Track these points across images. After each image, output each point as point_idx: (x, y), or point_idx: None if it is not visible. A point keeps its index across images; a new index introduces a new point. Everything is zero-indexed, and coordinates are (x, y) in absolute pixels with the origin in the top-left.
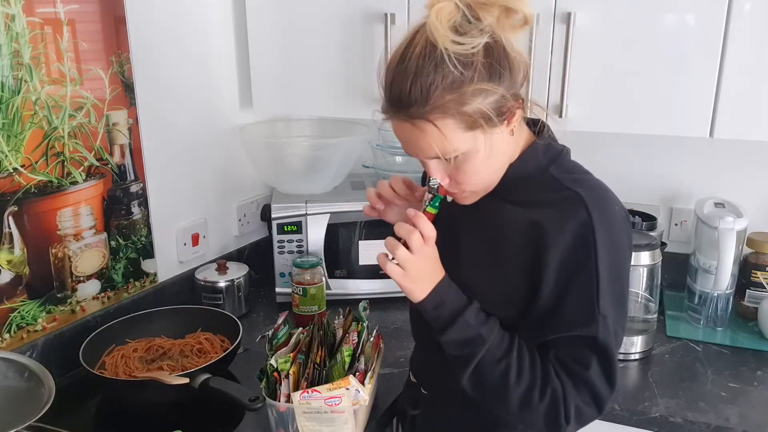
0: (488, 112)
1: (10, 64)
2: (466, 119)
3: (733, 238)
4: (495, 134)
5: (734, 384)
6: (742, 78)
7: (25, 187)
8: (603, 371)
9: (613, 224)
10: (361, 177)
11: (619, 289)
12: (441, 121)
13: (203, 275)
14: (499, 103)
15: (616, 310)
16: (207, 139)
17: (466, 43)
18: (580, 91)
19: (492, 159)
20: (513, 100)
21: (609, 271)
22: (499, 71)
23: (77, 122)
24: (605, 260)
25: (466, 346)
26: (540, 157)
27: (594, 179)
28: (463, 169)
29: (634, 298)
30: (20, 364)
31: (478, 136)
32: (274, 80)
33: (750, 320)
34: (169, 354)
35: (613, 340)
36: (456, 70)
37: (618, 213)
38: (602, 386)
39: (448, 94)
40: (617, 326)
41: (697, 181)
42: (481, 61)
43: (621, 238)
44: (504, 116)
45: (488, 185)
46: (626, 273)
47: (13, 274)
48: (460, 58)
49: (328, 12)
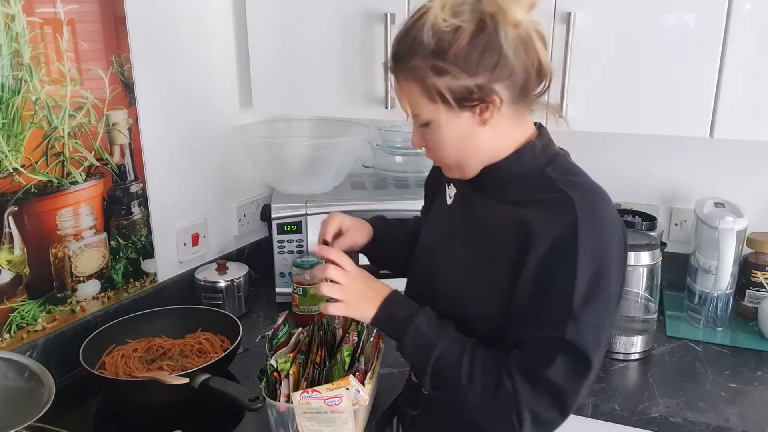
0: (446, 94)
1: (10, 64)
2: (427, 91)
3: (733, 238)
4: (461, 118)
5: (734, 384)
6: (742, 78)
7: (25, 187)
8: (569, 373)
9: (602, 228)
10: (361, 177)
11: (601, 294)
12: (407, 82)
13: (203, 275)
14: (465, 91)
15: (595, 314)
16: (207, 139)
17: (449, 21)
18: (580, 91)
19: (460, 141)
20: (488, 96)
21: (591, 275)
22: (477, 63)
23: (77, 122)
24: (586, 264)
25: (421, 352)
26: (537, 156)
27: (590, 182)
28: (429, 137)
29: (634, 298)
30: (20, 364)
31: (440, 111)
32: (274, 80)
33: (750, 320)
34: (169, 354)
35: (587, 345)
36: (431, 42)
37: (609, 217)
38: (568, 389)
39: (420, 61)
40: (597, 331)
41: (697, 181)
42: (462, 45)
43: (609, 242)
44: (470, 105)
45: (460, 166)
46: (614, 279)
47: (13, 274)
48: (439, 34)
49: (329, 12)
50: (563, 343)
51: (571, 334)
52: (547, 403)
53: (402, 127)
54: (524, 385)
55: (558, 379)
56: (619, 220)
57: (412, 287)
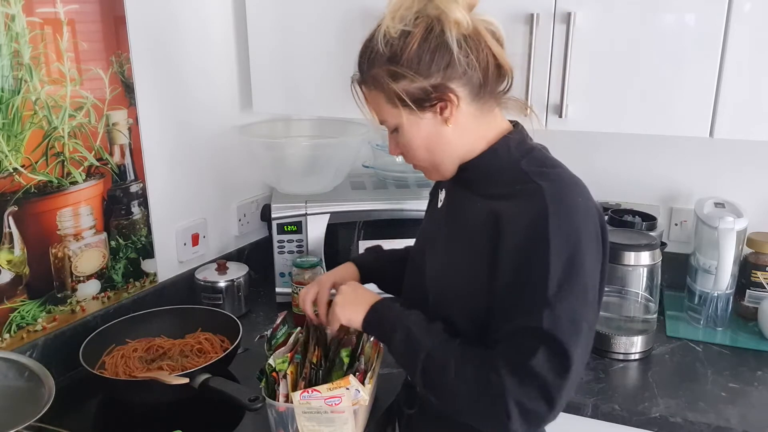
0: (405, 97)
1: (10, 64)
2: (389, 96)
3: (733, 238)
4: (424, 120)
5: (734, 384)
6: (742, 78)
7: (25, 187)
8: (552, 364)
9: (572, 215)
10: (361, 177)
11: (576, 281)
12: (372, 91)
13: (203, 275)
14: (421, 92)
15: (571, 302)
16: (207, 139)
17: (397, 27)
18: (580, 91)
19: (428, 142)
20: (444, 94)
21: (564, 263)
22: (429, 64)
23: (77, 122)
24: (558, 252)
25: (410, 353)
26: (512, 150)
27: (562, 173)
28: (400, 142)
29: (634, 298)
30: (20, 364)
31: (403, 114)
32: (274, 80)
33: (750, 320)
34: (169, 354)
35: (563, 334)
36: (385, 50)
37: (580, 205)
38: (552, 379)
39: (379, 68)
40: (574, 319)
41: (697, 180)
42: (413, 49)
43: (580, 229)
44: (429, 105)
45: (435, 167)
46: (590, 267)
47: (14, 274)
48: (391, 41)
49: (328, 12)
50: (541, 333)
51: (548, 323)
52: (533, 394)
53: None
54: (509, 377)
55: (541, 370)
56: (594, 209)
57: (406, 290)
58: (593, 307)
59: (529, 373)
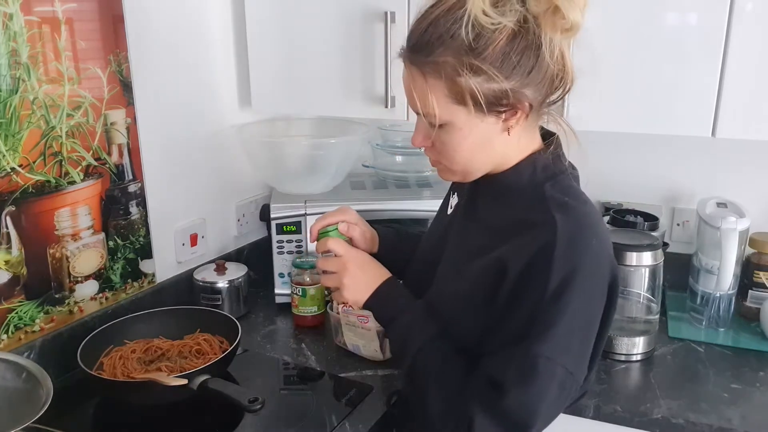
0: (479, 96)
1: (8, 63)
2: (456, 90)
3: (735, 239)
4: (484, 123)
5: (736, 385)
6: (745, 77)
7: (23, 187)
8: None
9: (581, 257)
10: (361, 177)
11: (573, 326)
12: (433, 78)
13: (202, 276)
14: (497, 94)
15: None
16: (206, 138)
17: (492, 17)
18: (581, 91)
19: (476, 147)
20: (518, 101)
21: (562, 303)
22: (514, 65)
23: (75, 122)
24: (557, 288)
25: (404, 344)
26: (538, 171)
27: (584, 210)
28: (442, 140)
29: (636, 298)
30: (18, 365)
31: (463, 114)
32: (273, 79)
33: (752, 321)
34: (168, 355)
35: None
36: (468, 38)
37: (593, 248)
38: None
39: (451, 56)
40: (565, 359)
41: (700, 180)
42: (501, 44)
43: (587, 273)
44: (498, 110)
45: (465, 171)
46: (589, 314)
47: (11, 274)
48: (479, 30)
49: (328, 10)
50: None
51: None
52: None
53: (402, 127)
54: (481, 414)
55: (513, 404)
56: (607, 256)
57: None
58: (583, 357)
59: (501, 408)
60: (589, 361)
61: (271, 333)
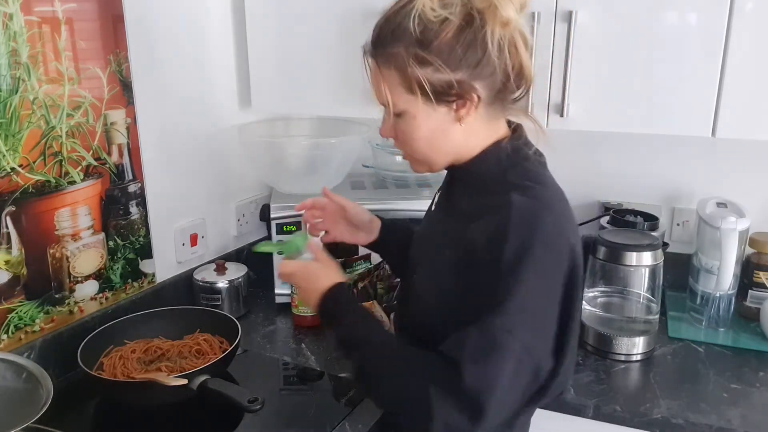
0: (426, 86)
1: (8, 63)
2: (407, 80)
3: (735, 239)
4: (436, 112)
5: (736, 385)
6: (745, 77)
7: (23, 187)
8: (481, 369)
9: (534, 232)
10: (361, 177)
11: (529, 301)
12: (386, 69)
13: (202, 276)
14: (445, 85)
15: (525, 321)
16: (206, 138)
17: (437, 12)
18: (581, 90)
19: (432, 135)
20: (467, 92)
21: (516, 277)
22: (461, 57)
23: (75, 122)
24: (511, 262)
25: (349, 347)
26: (503, 158)
27: (542, 191)
28: (402, 129)
29: (636, 298)
30: (18, 365)
31: (415, 103)
32: (273, 79)
33: (752, 321)
34: (168, 355)
35: (507, 346)
36: (415, 31)
37: (547, 224)
38: (481, 390)
39: (402, 48)
40: (521, 334)
41: (699, 180)
42: (447, 37)
43: (542, 249)
44: (447, 100)
45: (427, 160)
46: (546, 291)
47: (11, 274)
48: (426, 23)
49: (328, 10)
50: (480, 340)
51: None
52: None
53: None
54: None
55: (470, 380)
56: (565, 242)
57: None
58: (541, 328)
59: (457, 387)
60: (560, 353)
61: (271, 333)
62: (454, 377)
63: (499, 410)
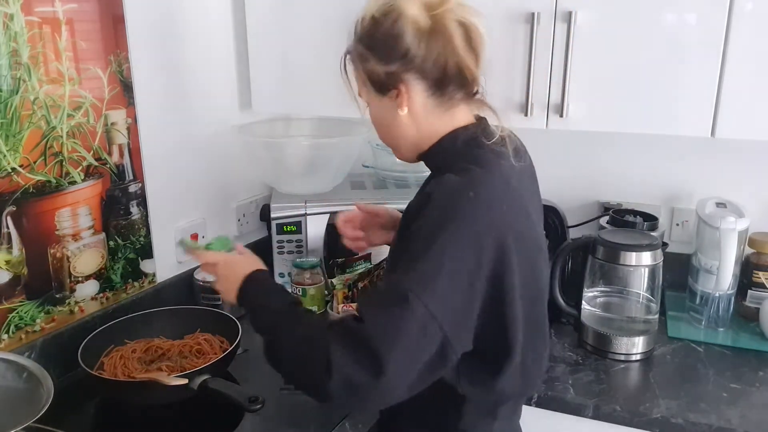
0: (368, 79)
1: (9, 63)
2: (360, 75)
3: (734, 238)
4: (383, 102)
5: (736, 385)
6: (744, 77)
7: (24, 187)
8: (381, 319)
9: (456, 204)
10: (361, 177)
11: (441, 268)
12: (349, 64)
13: (202, 275)
14: (381, 77)
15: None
16: (206, 138)
17: (371, 12)
18: (581, 90)
19: (386, 124)
20: (401, 83)
21: (432, 243)
22: (389, 52)
23: (76, 122)
24: (429, 230)
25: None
26: (458, 145)
27: (478, 172)
28: (371, 118)
29: (636, 298)
30: (19, 365)
31: (370, 94)
32: (273, 79)
33: (751, 321)
34: (168, 355)
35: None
36: (360, 30)
37: (470, 199)
38: (381, 342)
39: (353, 46)
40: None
41: (699, 180)
42: (379, 33)
43: (462, 222)
44: (387, 91)
45: (393, 146)
46: (463, 263)
47: (12, 274)
48: (365, 21)
49: (328, 10)
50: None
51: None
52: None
53: None
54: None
55: (371, 331)
56: (488, 214)
57: None
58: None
59: (359, 336)
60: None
61: None
62: (354, 328)
63: (401, 373)
